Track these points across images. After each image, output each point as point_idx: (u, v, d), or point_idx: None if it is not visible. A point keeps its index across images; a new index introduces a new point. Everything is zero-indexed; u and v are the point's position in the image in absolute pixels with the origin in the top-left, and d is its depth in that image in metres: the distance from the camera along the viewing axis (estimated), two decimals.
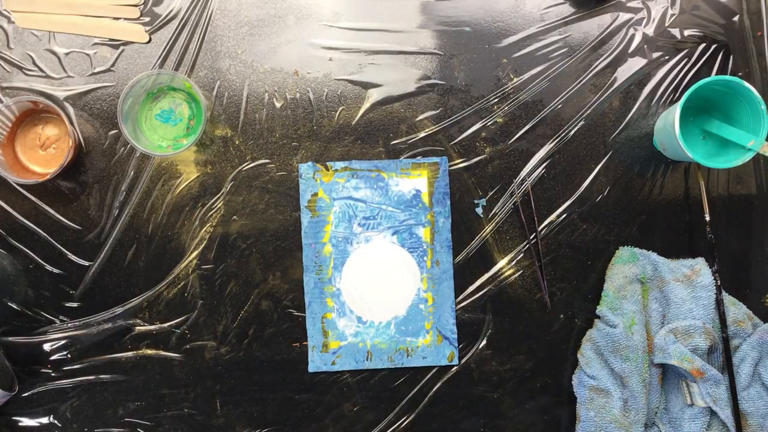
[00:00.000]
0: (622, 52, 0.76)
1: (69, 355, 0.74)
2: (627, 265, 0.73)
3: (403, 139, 0.76)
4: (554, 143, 0.76)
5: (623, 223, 0.76)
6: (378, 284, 0.75)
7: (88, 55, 0.75)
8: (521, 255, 0.75)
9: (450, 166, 0.75)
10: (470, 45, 0.76)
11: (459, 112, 0.76)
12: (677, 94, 0.76)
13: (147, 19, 0.75)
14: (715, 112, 0.74)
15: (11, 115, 0.72)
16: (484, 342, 0.75)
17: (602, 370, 0.72)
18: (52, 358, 0.74)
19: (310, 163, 0.75)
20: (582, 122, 0.76)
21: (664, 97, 0.76)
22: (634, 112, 0.76)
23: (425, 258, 0.75)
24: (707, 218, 0.73)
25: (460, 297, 0.75)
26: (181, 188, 0.75)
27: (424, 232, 0.75)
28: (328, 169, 0.75)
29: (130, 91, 0.70)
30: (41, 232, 0.74)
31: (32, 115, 0.74)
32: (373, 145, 0.76)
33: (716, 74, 0.76)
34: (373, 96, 0.76)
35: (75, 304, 0.74)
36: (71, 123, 0.74)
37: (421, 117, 0.76)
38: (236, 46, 0.76)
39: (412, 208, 0.75)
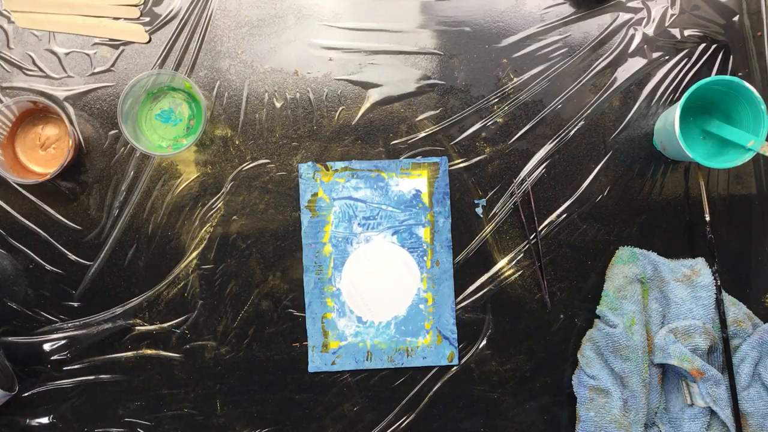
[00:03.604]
0: (622, 52, 0.76)
1: (69, 355, 0.74)
2: (627, 265, 0.73)
3: (403, 139, 0.76)
4: (554, 143, 0.76)
5: (623, 223, 0.76)
6: (378, 284, 0.75)
7: (88, 55, 0.75)
8: (521, 255, 0.75)
9: (450, 166, 0.75)
10: (470, 45, 0.76)
11: (459, 112, 0.76)
12: (677, 94, 0.76)
13: (147, 19, 0.75)
14: (715, 112, 0.74)
15: (11, 115, 0.72)
16: (484, 342, 0.75)
17: (602, 370, 0.72)
18: (52, 358, 0.74)
19: (310, 163, 0.75)
20: (582, 122, 0.76)
21: (664, 97, 0.76)
22: (634, 112, 0.76)
23: (425, 258, 0.75)
24: (707, 218, 0.73)
25: (460, 297, 0.75)
26: (181, 188, 0.75)
27: (424, 232, 0.75)
28: (328, 169, 0.75)
29: (130, 91, 0.70)
30: (41, 232, 0.74)
31: (32, 115, 0.74)
32: (373, 145, 0.76)
33: (716, 74, 0.76)
34: (373, 96, 0.76)
35: (75, 304, 0.74)
36: (71, 123, 0.74)
37: (421, 117, 0.76)
38: (236, 46, 0.76)
39: (412, 208, 0.75)
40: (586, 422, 0.72)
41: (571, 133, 0.76)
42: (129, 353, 0.74)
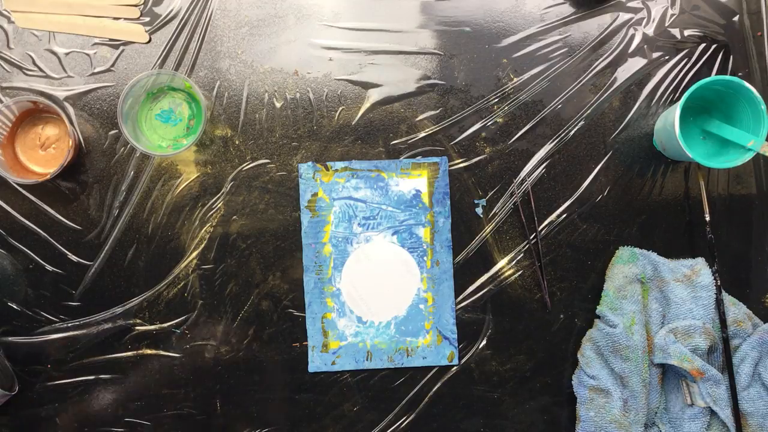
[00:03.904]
0: (622, 52, 0.76)
1: (69, 355, 0.74)
2: (627, 265, 0.73)
3: (403, 139, 0.76)
4: (554, 143, 0.76)
5: (623, 223, 0.76)
6: (378, 284, 0.75)
7: (88, 55, 0.75)
8: (521, 255, 0.75)
9: (450, 166, 0.75)
10: (470, 45, 0.76)
11: (459, 112, 0.76)
12: (677, 94, 0.76)
13: (147, 19, 0.75)
14: (715, 112, 0.74)
15: (11, 115, 0.72)
16: (484, 342, 0.75)
17: (602, 370, 0.72)
18: (52, 358, 0.74)
19: (310, 163, 0.75)
20: (582, 122, 0.76)
21: (664, 97, 0.76)
22: (634, 112, 0.76)
23: (425, 258, 0.75)
24: (707, 218, 0.73)
25: (460, 297, 0.75)
26: (181, 188, 0.75)
27: (424, 232, 0.75)
28: (328, 169, 0.75)
29: (130, 91, 0.70)
30: (41, 232, 0.74)
31: (32, 115, 0.74)
32: (373, 145, 0.76)
33: (716, 74, 0.76)
34: (373, 96, 0.76)
35: (75, 304, 0.74)
36: (71, 123, 0.74)
37: (421, 117, 0.76)
38: (236, 46, 0.76)
39: (412, 208, 0.75)
40: (586, 422, 0.72)
41: (571, 133, 0.76)
42: (129, 353, 0.74)
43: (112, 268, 0.74)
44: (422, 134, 0.76)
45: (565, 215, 0.76)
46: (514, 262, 0.75)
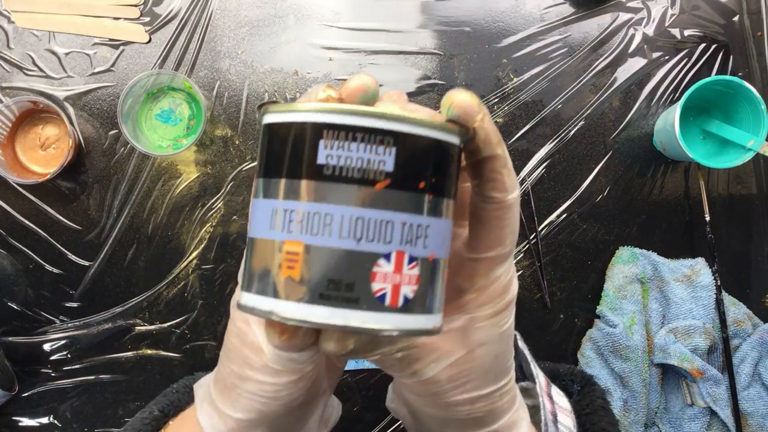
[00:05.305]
0: (622, 52, 0.76)
1: (69, 355, 0.74)
2: (627, 265, 0.73)
3: None
4: (554, 143, 0.76)
5: (623, 223, 0.76)
6: None
7: (88, 55, 0.75)
8: (521, 255, 0.75)
9: None
10: (470, 45, 0.76)
11: None
12: (677, 94, 0.76)
13: (147, 19, 0.75)
14: (715, 112, 0.74)
15: (11, 115, 0.72)
16: None
17: (602, 370, 0.72)
18: (52, 358, 0.74)
19: None
20: (582, 122, 0.76)
21: (664, 97, 0.76)
22: (634, 112, 0.76)
23: None
24: (707, 218, 0.73)
25: None
26: (181, 188, 0.75)
27: None
28: None
29: (130, 91, 0.70)
30: (41, 232, 0.74)
31: (32, 115, 0.74)
32: None
33: (716, 74, 0.76)
34: None
35: (75, 304, 0.74)
36: (71, 123, 0.74)
37: None
38: (236, 46, 0.76)
39: None
40: None
41: (571, 133, 0.76)
42: (129, 353, 0.74)
43: (112, 268, 0.74)
44: None
45: (565, 215, 0.76)
46: (514, 262, 0.75)
